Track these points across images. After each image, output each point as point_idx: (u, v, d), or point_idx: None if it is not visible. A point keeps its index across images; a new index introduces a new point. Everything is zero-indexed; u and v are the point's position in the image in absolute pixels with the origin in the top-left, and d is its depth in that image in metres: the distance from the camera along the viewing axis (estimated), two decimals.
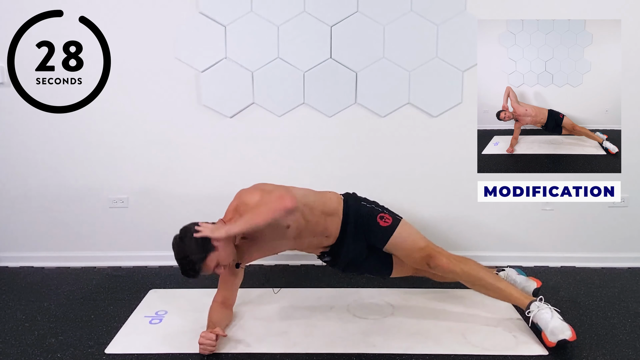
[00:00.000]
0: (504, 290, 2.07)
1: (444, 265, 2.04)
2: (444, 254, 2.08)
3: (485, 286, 2.08)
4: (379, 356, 1.91)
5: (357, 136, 2.70)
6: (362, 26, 2.57)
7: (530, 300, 2.02)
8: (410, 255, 2.10)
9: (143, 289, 2.49)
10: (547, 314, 1.95)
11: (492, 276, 2.11)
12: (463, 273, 2.06)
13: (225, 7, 2.54)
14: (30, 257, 2.82)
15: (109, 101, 2.65)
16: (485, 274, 2.09)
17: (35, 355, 1.94)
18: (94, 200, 2.77)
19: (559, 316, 1.95)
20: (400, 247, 2.11)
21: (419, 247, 2.09)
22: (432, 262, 2.05)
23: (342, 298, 2.38)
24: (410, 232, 2.14)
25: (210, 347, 1.89)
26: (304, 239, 2.09)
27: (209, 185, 2.74)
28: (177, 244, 1.89)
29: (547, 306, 1.98)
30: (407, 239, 2.11)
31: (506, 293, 2.06)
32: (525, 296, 2.06)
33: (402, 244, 2.11)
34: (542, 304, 1.99)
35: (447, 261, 2.05)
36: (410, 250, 2.10)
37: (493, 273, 2.19)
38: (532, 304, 2.00)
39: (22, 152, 2.72)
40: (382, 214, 2.14)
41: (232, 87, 2.62)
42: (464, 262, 2.10)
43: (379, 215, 2.13)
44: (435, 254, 2.07)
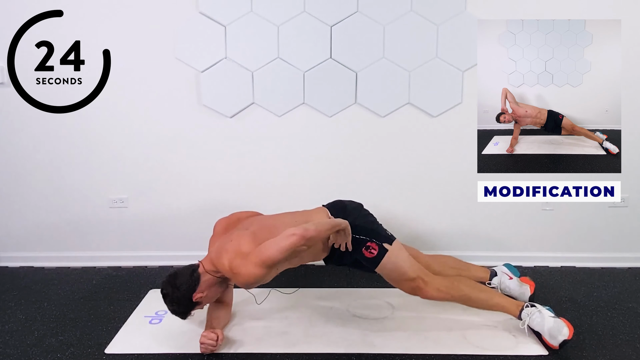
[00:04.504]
0: (496, 304, 2.07)
1: (432, 296, 2.04)
2: (433, 285, 2.04)
3: (477, 304, 2.09)
4: (379, 356, 1.91)
5: (357, 136, 2.70)
6: (362, 26, 2.57)
7: (520, 310, 2.02)
8: (398, 284, 2.07)
9: (143, 289, 2.49)
10: (538, 318, 1.96)
11: (483, 293, 2.10)
12: (453, 299, 2.07)
13: (225, 7, 2.54)
14: (30, 257, 2.83)
15: (109, 101, 2.65)
16: (476, 293, 2.08)
17: (35, 355, 1.94)
18: (94, 200, 2.77)
19: (550, 313, 1.96)
20: (388, 276, 2.07)
21: (407, 277, 2.03)
22: (421, 294, 2.04)
23: (342, 298, 2.38)
24: (398, 261, 2.03)
25: (211, 347, 1.90)
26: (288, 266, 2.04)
27: (209, 185, 2.74)
28: (164, 296, 1.93)
29: (536, 310, 1.99)
30: (394, 270, 2.03)
31: (498, 306, 2.07)
32: (516, 305, 2.05)
33: (389, 274, 2.05)
34: (531, 309, 2.00)
35: (436, 293, 2.03)
36: (398, 281, 2.06)
37: (484, 288, 2.16)
38: (522, 313, 2.01)
39: (22, 152, 2.72)
40: (369, 244, 2.03)
41: (232, 87, 2.62)
42: (453, 287, 2.06)
43: (364, 245, 2.03)
44: (424, 286, 2.03)
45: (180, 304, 1.91)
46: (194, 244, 2.70)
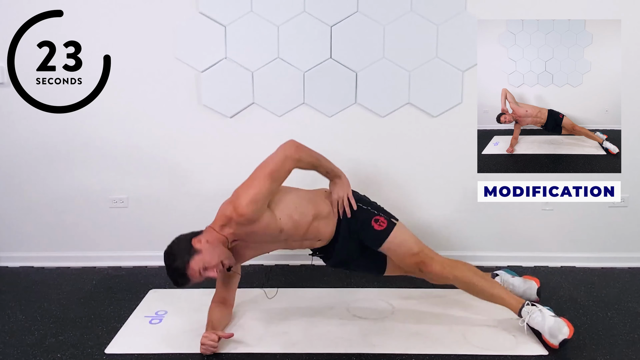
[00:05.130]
0: (497, 295, 2.06)
1: (436, 272, 2.03)
2: (437, 260, 2.06)
3: (478, 291, 2.07)
4: (379, 356, 1.91)
5: (357, 136, 2.70)
6: (362, 26, 2.57)
7: (521, 306, 2.01)
8: (403, 259, 2.08)
9: (143, 289, 2.49)
10: (538, 317, 1.95)
11: (486, 281, 2.10)
12: (455, 279, 2.06)
13: (225, 7, 2.54)
14: (30, 257, 2.82)
15: (109, 101, 2.65)
16: (478, 279, 2.08)
17: (35, 355, 1.94)
18: (94, 200, 2.77)
19: (551, 313, 1.95)
20: (394, 251, 2.09)
21: (413, 252, 2.06)
22: (425, 268, 2.04)
23: (342, 298, 2.38)
24: (405, 236, 2.09)
25: (211, 348, 1.90)
26: (295, 242, 2.08)
27: (208, 185, 2.74)
28: (164, 255, 1.91)
29: (536, 308, 1.98)
30: (401, 244, 2.07)
31: (499, 298, 2.06)
32: (517, 300, 2.04)
33: (396, 249, 2.08)
34: (531, 307, 1.99)
35: (440, 268, 2.03)
36: (403, 255, 2.07)
37: (487, 277, 2.17)
38: (522, 310, 2.00)
39: (22, 152, 2.72)
40: (378, 217, 2.09)
41: (232, 87, 2.62)
42: (457, 267, 2.08)
43: (373, 218, 2.08)
44: (428, 260, 2.04)
45: (180, 246, 1.88)
46: None
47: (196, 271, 1.85)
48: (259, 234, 1.94)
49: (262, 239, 2.02)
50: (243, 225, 1.89)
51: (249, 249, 2.07)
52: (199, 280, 1.90)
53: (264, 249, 2.10)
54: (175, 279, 1.89)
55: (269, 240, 2.03)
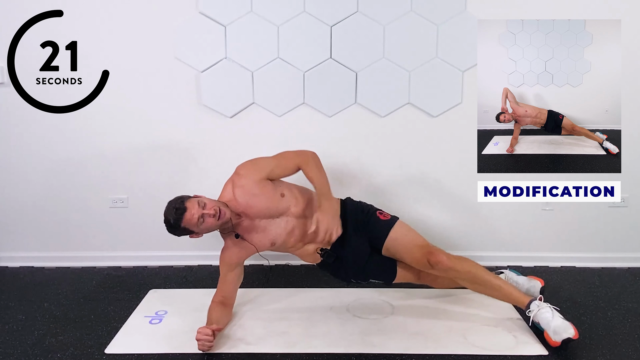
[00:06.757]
0: (504, 289, 2.06)
1: (444, 261, 2.02)
2: (444, 252, 2.08)
3: (485, 285, 2.07)
4: (379, 356, 1.91)
5: (357, 136, 2.70)
6: (362, 26, 2.57)
7: (530, 300, 2.02)
8: (410, 252, 2.10)
9: (143, 289, 2.49)
10: (547, 313, 1.95)
11: (492, 275, 2.11)
12: (464, 270, 2.06)
13: (225, 7, 2.54)
14: (30, 257, 2.82)
15: (109, 101, 2.65)
16: (484, 273, 2.09)
17: (35, 355, 1.94)
18: (94, 200, 2.77)
19: (560, 315, 1.95)
20: (400, 243, 2.12)
21: (419, 244, 2.11)
22: (433, 258, 2.04)
23: (342, 298, 2.38)
24: (409, 230, 2.19)
25: (208, 343, 1.89)
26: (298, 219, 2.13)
27: (208, 185, 2.72)
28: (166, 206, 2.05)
29: (547, 305, 1.98)
30: (406, 235, 2.15)
31: (506, 292, 2.06)
32: (524, 295, 2.06)
33: (402, 240, 2.13)
34: (542, 303, 1.99)
35: (447, 258, 2.04)
36: (410, 247, 2.11)
37: (493, 273, 2.19)
38: (532, 303, 2.00)
39: (21, 152, 2.72)
40: (381, 210, 2.24)
41: (232, 87, 2.62)
42: (463, 260, 2.10)
43: (377, 211, 2.23)
44: (435, 250, 2.08)
45: (181, 195, 2.05)
46: (195, 244, 2.68)
47: (193, 215, 1.95)
48: (260, 198, 2.06)
49: (265, 209, 2.07)
50: (242, 186, 2.08)
51: (255, 232, 2.10)
52: (195, 229, 1.98)
53: (270, 233, 2.11)
54: (171, 225, 2.00)
55: (273, 211, 2.09)
